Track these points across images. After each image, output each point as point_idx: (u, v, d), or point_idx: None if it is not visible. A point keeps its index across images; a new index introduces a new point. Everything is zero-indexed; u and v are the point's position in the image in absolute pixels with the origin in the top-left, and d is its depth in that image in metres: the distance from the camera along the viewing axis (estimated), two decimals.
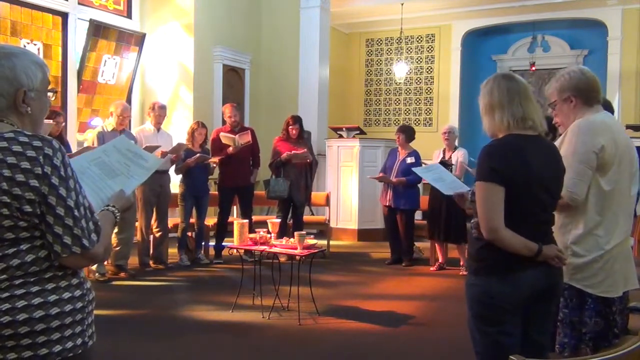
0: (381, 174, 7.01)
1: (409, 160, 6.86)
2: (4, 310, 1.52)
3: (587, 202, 2.52)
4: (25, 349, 1.54)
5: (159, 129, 6.65)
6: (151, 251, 6.64)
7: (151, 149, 5.99)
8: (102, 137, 5.89)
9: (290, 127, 7.14)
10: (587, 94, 2.58)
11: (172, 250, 6.86)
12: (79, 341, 1.64)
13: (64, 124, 6.17)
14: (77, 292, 1.65)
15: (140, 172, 1.97)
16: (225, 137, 6.80)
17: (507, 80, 2.23)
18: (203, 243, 7.08)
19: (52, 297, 1.58)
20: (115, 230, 4.99)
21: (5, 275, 1.54)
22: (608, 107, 3.20)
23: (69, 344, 1.61)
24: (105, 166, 1.91)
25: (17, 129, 1.59)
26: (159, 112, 6.61)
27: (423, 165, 6.92)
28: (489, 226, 2.09)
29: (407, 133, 7.01)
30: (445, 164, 6.52)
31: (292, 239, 4.82)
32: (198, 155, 6.65)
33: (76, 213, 1.57)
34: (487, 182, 2.11)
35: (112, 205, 1.81)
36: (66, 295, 1.61)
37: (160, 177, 6.45)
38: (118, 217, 1.81)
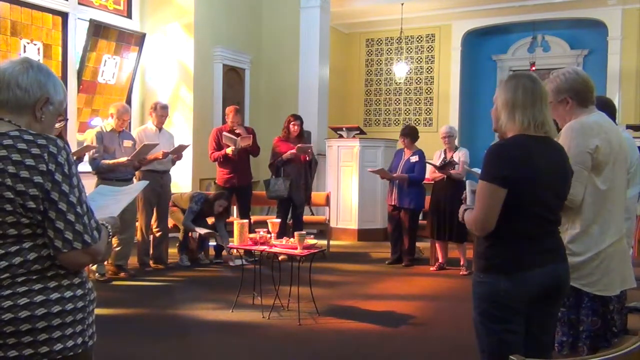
0: (380, 168, 7.04)
1: (413, 159, 6.90)
2: (6, 308, 1.53)
3: (583, 201, 2.53)
4: (26, 347, 1.55)
5: (160, 129, 6.65)
6: (151, 251, 6.64)
7: (149, 147, 6.00)
8: (101, 137, 5.90)
9: (291, 123, 7.15)
10: (583, 95, 2.60)
11: (172, 250, 6.86)
12: (79, 340, 1.65)
13: (64, 123, 6.17)
14: (79, 292, 1.66)
15: (126, 197, 2.07)
16: (227, 137, 6.81)
17: (532, 82, 2.23)
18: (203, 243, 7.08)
19: (54, 295, 1.59)
20: None
21: (7, 273, 1.55)
22: (609, 106, 3.20)
23: (70, 343, 1.62)
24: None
25: (22, 128, 1.61)
26: (161, 112, 6.60)
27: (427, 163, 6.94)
28: (482, 225, 2.16)
29: (412, 135, 7.03)
30: (451, 163, 6.50)
31: (292, 239, 4.82)
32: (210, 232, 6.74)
33: (79, 209, 1.59)
34: (491, 183, 2.13)
35: (106, 223, 1.81)
36: (68, 293, 1.62)
37: (161, 177, 6.46)
38: (111, 234, 1.81)
